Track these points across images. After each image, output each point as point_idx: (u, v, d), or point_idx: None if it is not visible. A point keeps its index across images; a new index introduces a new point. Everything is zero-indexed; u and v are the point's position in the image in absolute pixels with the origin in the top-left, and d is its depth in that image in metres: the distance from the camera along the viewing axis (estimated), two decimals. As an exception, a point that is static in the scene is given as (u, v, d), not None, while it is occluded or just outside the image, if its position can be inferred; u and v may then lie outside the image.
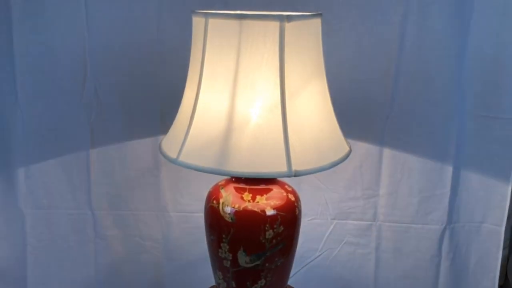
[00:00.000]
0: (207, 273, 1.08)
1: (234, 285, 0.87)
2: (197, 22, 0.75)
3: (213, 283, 0.98)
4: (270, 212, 0.82)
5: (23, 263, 1.25)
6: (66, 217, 1.23)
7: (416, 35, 1.11)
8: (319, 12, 0.79)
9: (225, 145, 0.70)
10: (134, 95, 1.15)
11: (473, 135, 1.17)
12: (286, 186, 0.89)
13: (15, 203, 1.21)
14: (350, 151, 0.82)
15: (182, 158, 0.73)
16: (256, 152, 0.70)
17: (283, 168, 0.69)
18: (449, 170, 1.19)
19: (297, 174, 0.69)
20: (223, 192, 0.86)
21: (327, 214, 1.24)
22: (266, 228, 0.81)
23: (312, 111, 0.74)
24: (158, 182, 1.21)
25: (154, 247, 1.26)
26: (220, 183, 0.89)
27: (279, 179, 0.89)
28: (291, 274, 1.23)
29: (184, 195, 1.23)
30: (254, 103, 0.71)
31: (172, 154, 0.75)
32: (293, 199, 0.87)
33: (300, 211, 0.88)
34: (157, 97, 1.16)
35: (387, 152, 1.19)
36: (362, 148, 1.19)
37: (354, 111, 1.16)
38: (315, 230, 1.25)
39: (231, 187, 0.86)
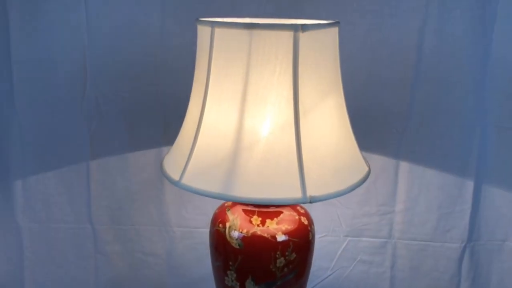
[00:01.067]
0: None
1: (242, 315, 0.80)
2: (203, 31, 0.68)
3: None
4: (281, 238, 0.76)
5: (20, 279, 1.21)
6: (65, 231, 1.19)
7: (436, 42, 1.06)
8: (336, 20, 0.72)
9: (232, 168, 0.64)
10: (136, 104, 1.12)
11: (495, 148, 1.12)
12: (298, 208, 0.83)
13: (12, 216, 1.18)
14: (369, 172, 0.75)
15: (185, 181, 0.67)
16: (266, 176, 0.64)
17: (297, 194, 0.63)
18: (470, 185, 1.14)
19: (312, 201, 0.62)
20: (229, 215, 0.79)
21: (339, 231, 1.19)
22: (277, 255, 0.75)
23: (328, 129, 0.68)
24: (161, 195, 1.18)
25: (157, 263, 1.22)
26: (226, 204, 0.83)
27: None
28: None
29: (188, 209, 1.19)
30: (264, 121, 0.64)
31: (174, 176, 0.69)
32: (306, 222, 0.80)
33: (313, 235, 0.81)
34: (161, 106, 1.12)
35: (404, 165, 1.14)
36: (378, 161, 1.14)
37: (369, 122, 1.11)
38: (327, 248, 1.20)
39: (239, 209, 0.80)
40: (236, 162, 0.64)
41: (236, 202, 0.81)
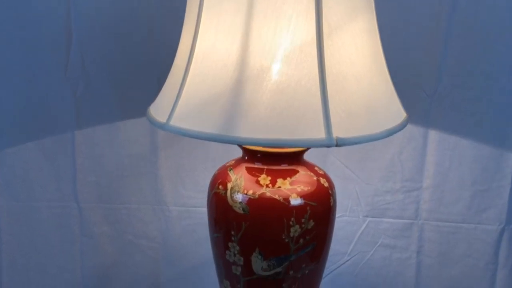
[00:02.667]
0: (213, 279, 0.95)
1: (246, 299, 0.67)
2: None
3: None
4: (296, 201, 0.63)
5: None
6: (47, 211, 1.12)
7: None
8: None
9: (235, 103, 0.50)
10: (127, 66, 1.05)
11: (540, 115, 1.03)
12: (316, 168, 0.69)
13: None
14: (407, 119, 0.62)
15: (174, 122, 0.54)
16: (279, 111, 0.50)
17: (320, 134, 0.49)
18: (510, 157, 1.05)
19: (340, 143, 0.49)
20: (232, 175, 0.66)
21: (358, 210, 1.11)
22: (291, 222, 0.62)
23: (359, 57, 0.55)
24: (155, 170, 1.10)
25: (151, 247, 1.15)
26: (228, 164, 0.69)
27: (306, 159, 0.68)
28: None
29: (186, 185, 1.11)
30: (277, 42, 0.51)
31: (161, 118, 0.56)
32: (326, 185, 0.67)
33: (335, 201, 0.68)
34: (154, 69, 1.04)
35: (433, 134, 1.06)
36: (403, 130, 1.01)
37: (395, 84, 0.98)
38: (344, 230, 1.11)
39: (243, 167, 0.67)
40: (239, 95, 0.50)
41: (239, 161, 0.68)
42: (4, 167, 1.08)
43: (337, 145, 0.48)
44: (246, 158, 0.67)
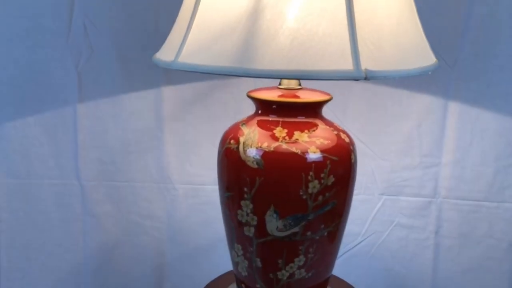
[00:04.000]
0: (221, 260, 0.98)
1: (259, 264, 0.63)
2: None
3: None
4: (315, 155, 0.58)
5: None
6: (48, 188, 1.11)
7: None
8: None
9: (251, 32, 0.46)
10: (131, 36, 1.02)
11: None
12: (335, 125, 0.65)
13: None
14: (438, 65, 0.57)
15: (183, 59, 0.49)
16: (301, 41, 0.46)
17: (347, 66, 0.44)
18: None
19: (369, 76, 0.44)
20: (244, 129, 0.61)
21: (373, 188, 1.08)
22: (310, 177, 0.57)
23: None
24: (161, 145, 1.09)
25: (156, 227, 1.13)
26: (240, 121, 0.65)
27: (324, 116, 0.64)
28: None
29: (193, 162, 1.09)
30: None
31: (168, 57, 0.51)
32: (347, 140, 0.63)
33: (356, 159, 0.64)
34: (160, 39, 1.00)
35: (453, 106, 1.02)
36: (421, 101, 1.03)
37: None
38: (358, 209, 1.08)
39: (256, 121, 0.62)
40: (256, 25, 0.46)
41: (252, 117, 0.63)
42: (3, 142, 1.07)
43: (366, 78, 0.44)
44: (259, 112, 0.63)
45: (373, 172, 1.06)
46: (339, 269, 1.06)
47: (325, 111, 0.93)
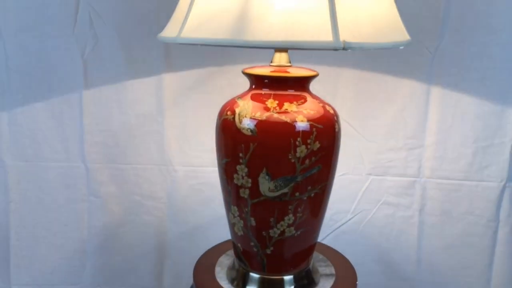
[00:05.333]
0: (218, 237, 0.98)
1: (253, 222, 0.68)
2: None
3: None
4: (302, 123, 0.63)
5: (6, 223, 1.15)
6: (55, 170, 1.12)
7: None
8: None
9: (246, 9, 0.51)
10: (134, 26, 1.04)
11: (541, 71, 1.01)
12: (322, 99, 0.70)
13: None
14: (410, 41, 0.63)
15: (185, 34, 0.54)
16: (289, 15, 0.51)
17: (328, 37, 0.50)
18: (511, 114, 1.04)
19: (346, 47, 0.50)
20: (240, 102, 0.67)
21: (361, 168, 1.10)
22: (297, 143, 0.62)
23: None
24: (162, 129, 1.10)
25: (157, 207, 1.15)
26: (236, 96, 0.70)
27: (311, 91, 0.70)
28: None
29: (192, 145, 1.11)
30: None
31: (171, 33, 0.57)
32: (331, 111, 0.68)
33: (340, 129, 0.69)
34: (161, 29, 1.00)
35: (435, 91, 1.04)
36: (405, 86, 1.04)
37: None
38: (347, 188, 1.11)
39: (250, 94, 0.68)
40: (250, 1, 0.51)
41: (247, 92, 0.69)
42: (12, 127, 1.08)
43: (344, 49, 0.49)
44: (253, 86, 0.68)
45: (361, 153, 1.08)
46: (330, 244, 1.06)
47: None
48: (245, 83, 0.76)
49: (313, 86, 0.72)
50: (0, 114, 1.08)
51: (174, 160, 1.11)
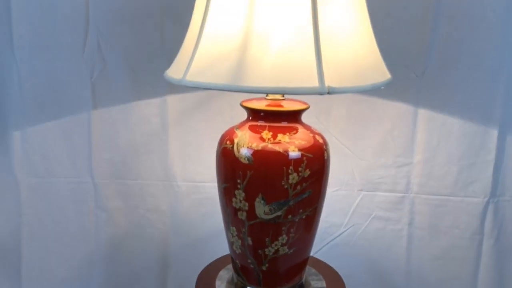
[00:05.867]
0: (219, 249, 1.01)
1: (250, 242, 0.74)
2: None
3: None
4: (294, 153, 0.69)
5: (18, 236, 1.19)
6: (64, 185, 1.16)
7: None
8: None
9: (242, 58, 0.58)
10: (140, 50, 1.08)
11: (521, 95, 1.05)
12: (312, 128, 0.77)
13: (9, 169, 1.15)
14: (391, 79, 0.69)
15: (189, 78, 0.61)
16: (280, 65, 0.58)
17: (314, 83, 0.56)
18: (493, 134, 1.09)
19: (331, 91, 0.56)
20: (238, 132, 0.73)
21: (353, 184, 1.14)
22: (290, 171, 0.68)
23: (349, 20, 0.62)
24: (165, 147, 1.14)
25: (161, 220, 1.18)
26: (235, 125, 0.77)
27: (303, 121, 0.76)
28: (312, 252, 1.12)
29: (194, 162, 1.15)
30: (278, 7, 0.58)
31: (177, 76, 0.63)
32: (321, 141, 0.74)
33: (329, 157, 0.75)
34: (166, 53, 1.07)
35: (422, 113, 1.09)
36: (394, 108, 1.09)
37: (386, 65, 1.02)
38: (340, 203, 1.15)
39: (248, 125, 0.74)
40: (247, 52, 0.58)
41: (244, 122, 0.75)
42: (25, 144, 1.12)
43: (328, 93, 0.56)
44: (250, 118, 0.75)
45: (353, 170, 1.12)
46: (324, 256, 1.10)
47: (311, 117, 0.99)
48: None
49: (309, 108, 0.77)
50: (13, 133, 1.12)
51: (177, 176, 1.14)
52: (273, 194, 0.70)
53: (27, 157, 1.13)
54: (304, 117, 0.78)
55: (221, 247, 1.00)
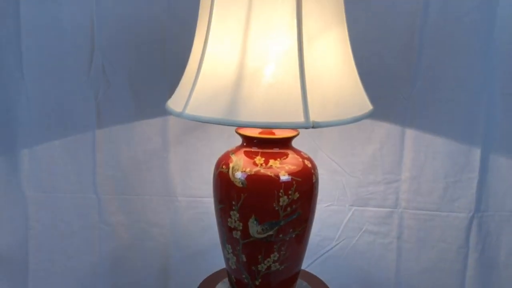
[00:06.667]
0: (217, 262, 1.05)
1: (244, 259, 0.80)
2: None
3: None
4: (284, 177, 0.75)
5: (25, 248, 1.21)
6: (70, 200, 1.19)
7: (441, 7, 1.06)
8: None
9: (236, 94, 0.64)
10: (142, 73, 1.12)
11: (503, 115, 1.10)
12: (302, 153, 0.82)
13: (18, 185, 1.18)
14: (372, 110, 0.75)
15: (189, 111, 0.67)
16: (270, 101, 0.64)
17: (300, 119, 0.62)
18: (477, 152, 1.13)
19: (315, 126, 0.62)
20: (233, 157, 0.79)
21: (345, 200, 1.18)
22: (280, 194, 0.74)
23: (333, 60, 0.68)
24: (166, 164, 1.18)
25: (161, 233, 1.22)
26: (230, 150, 0.83)
27: (294, 146, 0.82)
28: (305, 265, 1.17)
29: (193, 178, 1.19)
30: (268, 47, 0.65)
31: (178, 109, 0.69)
32: (309, 165, 0.80)
33: (317, 179, 0.81)
34: (167, 76, 1.12)
35: (409, 132, 1.13)
36: (383, 128, 1.13)
37: (374, 88, 1.05)
38: (332, 217, 1.19)
39: (242, 151, 0.80)
40: (240, 88, 0.64)
41: (239, 147, 0.81)
42: (32, 161, 1.16)
43: (313, 127, 0.62)
44: (244, 144, 0.80)
45: (344, 186, 1.16)
46: (317, 268, 1.18)
47: (305, 137, 1.05)
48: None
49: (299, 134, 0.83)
50: (21, 150, 1.16)
51: (177, 192, 1.18)
52: (265, 215, 0.75)
53: (34, 173, 1.17)
54: (298, 137, 0.82)
55: (219, 259, 1.01)
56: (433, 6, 1.06)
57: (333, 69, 0.68)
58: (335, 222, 1.19)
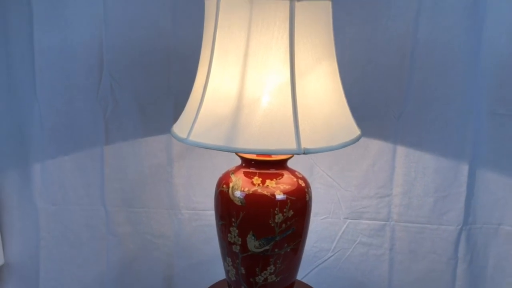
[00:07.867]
0: (218, 271, 1.09)
1: (243, 271, 0.85)
2: (209, 4, 0.76)
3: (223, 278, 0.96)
4: (279, 196, 0.81)
5: (36, 258, 1.26)
6: (79, 213, 1.23)
7: (430, 31, 1.10)
8: (330, -3, 0.79)
9: (235, 124, 0.70)
10: (148, 92, 1.16)
11: (489, 133, 1.14)
12: (297, 173, 0.89)
13: (30, 197, 1.22)
14: (360, 136, 0.81)
15: (192, 138, 0.73)
16: (265, 130, 0.70)
17: (293, 146, 0.69)
18: (465, 168, 1.16)
19: (306, 152, 0.68)
20: (233, 177, 0.85)
21: (339, 213, 1.22)
22: (276, 211, 0.80)
23: (322, 91, 0.74)
24: (170, 179, 1.21)
25: (166, 244, 1.25)
26: (230, 170, 0.89)
27: (289, 166, 0.88)
28: (302, 275, 1.23)
29: (196, 192, 1.22)
30: (264, 81, 0.71)
31: (183, 135, 0.76)
32: (303, 185, 0.86)
33: (310, 197, 0.87)
34: (171, 94, 1.17)
35: (401, 150, 1.17)
36: (375, 146, 1.17)
37: (367, 108, 1.14)
38: (328, 230, 1.23)
39: (241, 171, 0.86)
40: (238, 118, 0.70)
41: (239, 167, 0.88)
42: (44, 175, 1.20)
43: (304, 153, 0.68)
44: (243, 165, 0.87)
45: (339, 200, 1.20)
46: (313, 278, 1.22)
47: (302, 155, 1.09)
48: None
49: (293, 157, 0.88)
50: (34, 165, 1.20)
51: (181, 205, 1.22)
52: (262, 231, 0.80)
53: (46, 187, 1.21)
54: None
55: (220, 268, 1.03)
56: (422, 30, 1.10)
57: (323, 99, 0.74)
58: (331, 234, 1.23)
